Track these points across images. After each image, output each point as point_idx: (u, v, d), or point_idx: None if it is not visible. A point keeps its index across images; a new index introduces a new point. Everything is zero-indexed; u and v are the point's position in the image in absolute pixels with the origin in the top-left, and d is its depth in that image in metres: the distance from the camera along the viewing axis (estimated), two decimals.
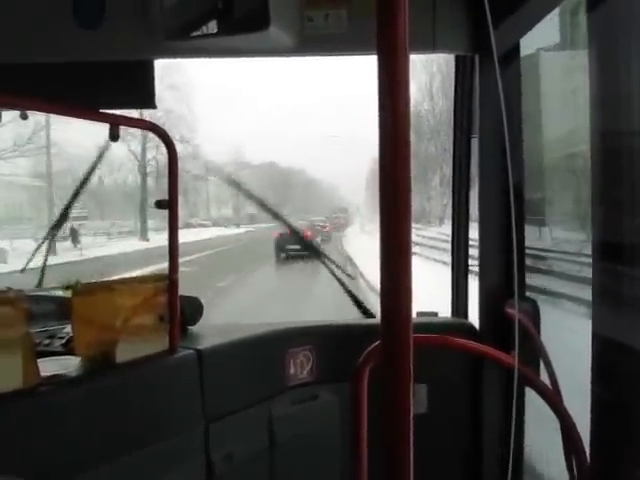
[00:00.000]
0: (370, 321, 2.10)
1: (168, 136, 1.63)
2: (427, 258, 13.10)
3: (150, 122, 1.63)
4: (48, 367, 1.40)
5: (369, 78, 0.73)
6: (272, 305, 9.96)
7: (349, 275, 2.52)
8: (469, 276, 2.06)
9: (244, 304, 10.50)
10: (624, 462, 1.13)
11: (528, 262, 1.84)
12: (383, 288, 0.65)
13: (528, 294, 1.77)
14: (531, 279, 1.88)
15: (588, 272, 1.22)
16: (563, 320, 2.16)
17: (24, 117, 1.73)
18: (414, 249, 1.06)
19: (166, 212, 1.61)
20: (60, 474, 1.22)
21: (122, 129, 1.50)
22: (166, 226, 1.63)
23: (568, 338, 1.78)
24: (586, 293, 1.23)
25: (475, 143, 1.92)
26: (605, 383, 1.14)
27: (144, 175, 23.42)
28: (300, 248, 14.03)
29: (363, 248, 14.20)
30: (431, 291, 2.46)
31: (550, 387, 1.48)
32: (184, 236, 1.84)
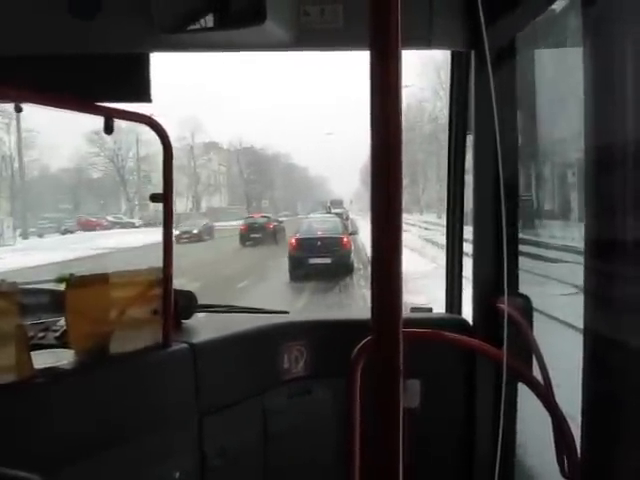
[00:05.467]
0: (363, 316, 2.10)
1: (164, 131, 1.62)
2: None
3: (146, 116, 1.62)
4: (42, 360, 1.40)
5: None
6: None
7: None
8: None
9: None
10: (615, 457, 1.14)
11: None
12: (374, 283, 0.66)
13: None
14: None
15: None
16: None
17: (18, 109, 1.72)
18: None
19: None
20: (53, 466, 1.22)
21: None
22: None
23: None
24: None
25: (470, 139, 1.92)
26: (596, 378, 1.15)
27: None
28: (330, 263, 9.41)
29: None
30: None
31: (542, 382, 1.49)
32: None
